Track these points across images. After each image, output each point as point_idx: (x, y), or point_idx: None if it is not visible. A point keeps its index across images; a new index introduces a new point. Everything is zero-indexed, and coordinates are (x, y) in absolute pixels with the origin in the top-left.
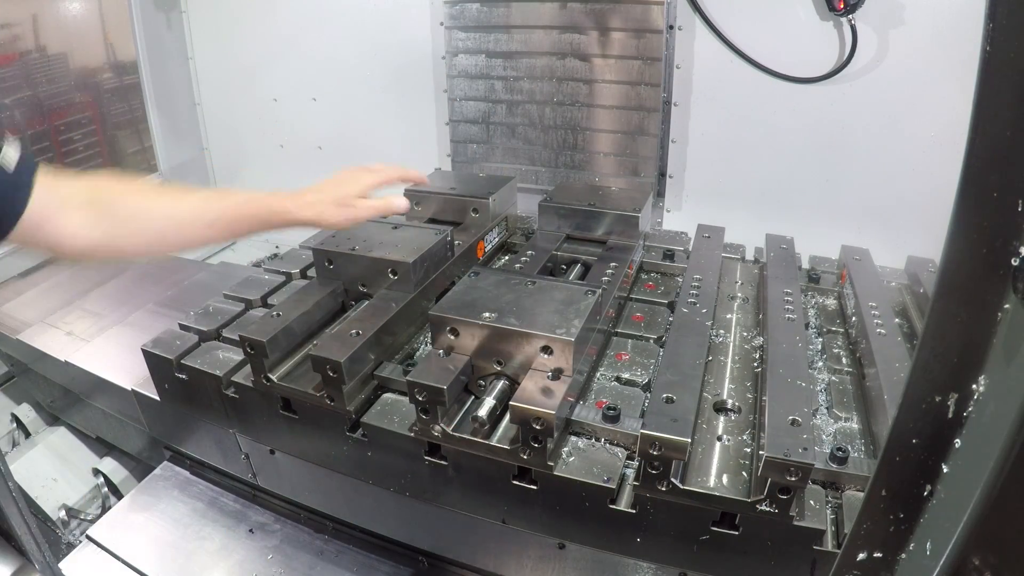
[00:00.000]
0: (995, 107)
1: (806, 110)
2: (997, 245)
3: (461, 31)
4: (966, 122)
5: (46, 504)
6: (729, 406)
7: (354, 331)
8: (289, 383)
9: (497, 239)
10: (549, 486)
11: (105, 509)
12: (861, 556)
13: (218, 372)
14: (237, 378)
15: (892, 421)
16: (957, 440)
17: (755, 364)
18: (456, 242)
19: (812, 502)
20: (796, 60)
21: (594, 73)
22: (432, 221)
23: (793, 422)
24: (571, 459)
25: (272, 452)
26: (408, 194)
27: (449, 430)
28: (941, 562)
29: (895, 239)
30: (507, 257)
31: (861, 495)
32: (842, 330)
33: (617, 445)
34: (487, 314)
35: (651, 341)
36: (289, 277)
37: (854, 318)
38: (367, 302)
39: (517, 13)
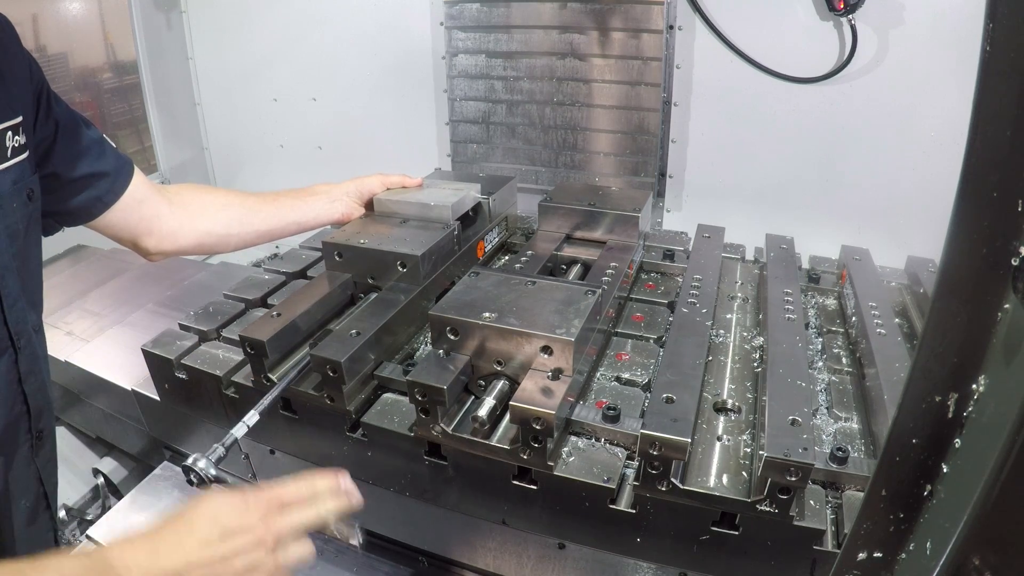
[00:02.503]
0: (995, 107)
1: (806, 110)
2: (997, 245)
3: (461, 31)
4: (966, 122)
5: None
6: (729, 406)
7: (354, 331)
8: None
9: (497, 239)
10: (549, 486)
11: (105, 509)
12: (861, 556)
13: (218, 372)
14: (237, 378)
15: (892, 421)
16: (957, 440)
17: (755, 364)
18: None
19: (812, 502)
20: (796, 60)
21: (594, 73)
22: None
23: (793, 422)
24: (571, 459)
25: (272, 452)
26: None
27: (449, 430)
28: (941, 562)
29: (895, 239)
30: (507, 257)
31: (861, 495)
32: (842, 330)
33: (617, 445)
34: (487, 314)
35: (651, 341)
36: (289, 277)
37: (854, 318)
38: (374, 296)
39: (517, 13)
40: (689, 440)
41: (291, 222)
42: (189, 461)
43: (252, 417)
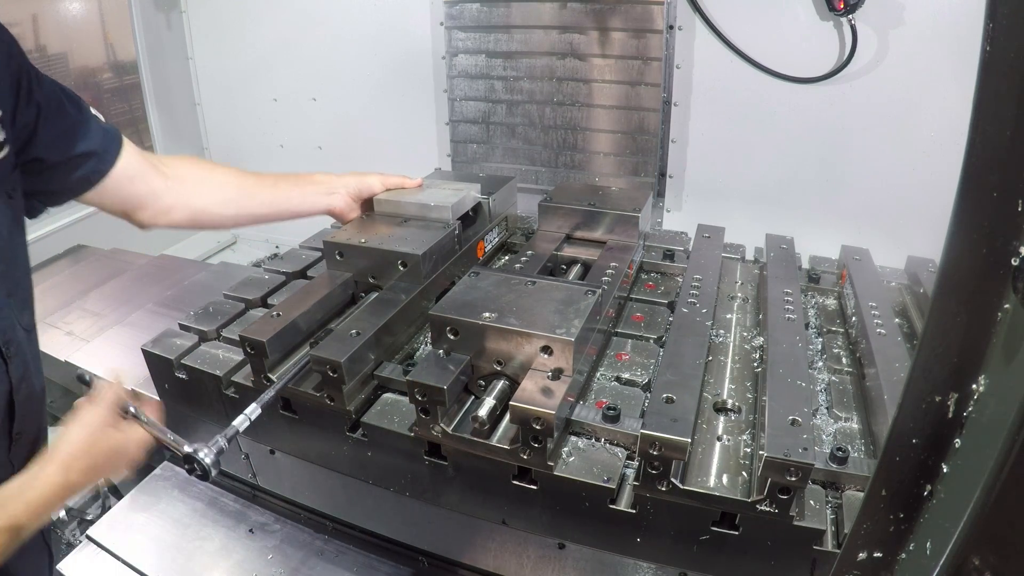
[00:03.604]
0: (995, 107)
1: (806, 110)
2: (997, 245)
3: (461, 31)
4: (966, 122)
5: None
6: (729, 406)
7: (354, 331)
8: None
9: (497, 239)
10: (549, 486)
11: (105, 509)
12: (861, 556)
13: (218, 372)
14: (237, 378)
15: (892, 421)
16: (957, 440)
17: (755, 364)
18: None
19: (812, 502)
20: (796, 60)
21: (594, 73)
22: None
23: (793, 422)
24: (571, 459)
25: (272, 452)
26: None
27: (449, 430)
28: (941, 562)
29: (895, 239)
30: (507, 257)
31: (861, 495)
32: (842, 330)
33: (617, 445)
34: (487, 314)
35: (651, 341)
36: (289, 277)
37: (854, 318)
38: (375, 295)
39: (517, 13)
40: (689, 440)
41: (286, 210)
42: (191, 450)
43: (254, 411)
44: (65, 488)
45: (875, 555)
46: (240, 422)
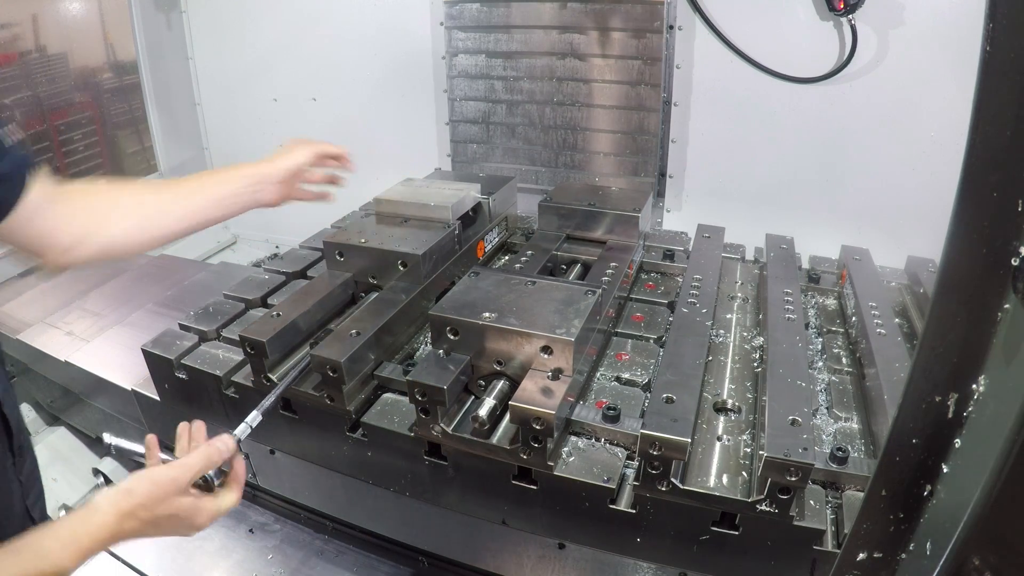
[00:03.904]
0: (995, 107)
1: (806, 110)
2: (997, 245)
3: (461, 31)
4: (966, 122)
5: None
6: (729, 406)
7: (354, 331)
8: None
9: (497, 239)
10: (549, 486)
11: None
12: (861, 556)
13: (218, 372)
14: (237, 378)
15: (892, 421)
16: (957, 440)
17: (755, 364)
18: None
19: (812, 502)
20: (796, 60)
21: (594, 73)
22: None
23: (793, 422)
24: (571, 459)
25: (272, 452)
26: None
27: (449, 430)
28: (941, 562)
29: (895, 239)
30: (507, 257)
31: (861, 495)
32: (842, 330)
33: (617, 445)
34: (487, 314)
35: (651, 341)
36: (289, 277)
37: (854, 318)
38: (375, 295)
39: (517, 13)
40: (689, 440)
41: (211, 218)
42: None
43: (255, 418)
44: (115, 537)
45: (875, 555)
46: (241, 431)
